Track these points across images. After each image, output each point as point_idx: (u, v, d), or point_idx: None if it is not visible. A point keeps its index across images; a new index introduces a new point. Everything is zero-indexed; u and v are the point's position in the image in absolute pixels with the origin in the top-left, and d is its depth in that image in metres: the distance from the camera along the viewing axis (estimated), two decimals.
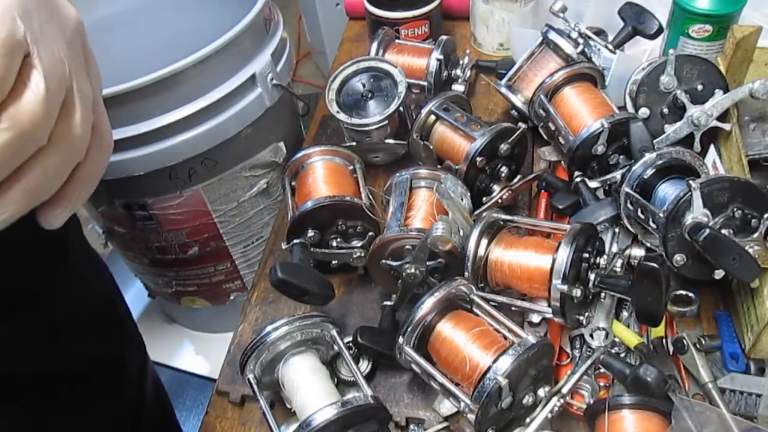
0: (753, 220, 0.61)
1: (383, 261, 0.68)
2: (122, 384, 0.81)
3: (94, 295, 0.76)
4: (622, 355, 0.65)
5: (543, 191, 0.81)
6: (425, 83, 0.91)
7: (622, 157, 0.76)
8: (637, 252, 0.71)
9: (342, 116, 0.83)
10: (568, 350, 0.67)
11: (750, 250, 0.59)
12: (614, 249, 0.72)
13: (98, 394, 0.76)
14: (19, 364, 0.64)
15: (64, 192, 0.37)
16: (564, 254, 0.60)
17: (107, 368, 0.77)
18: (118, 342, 0.81)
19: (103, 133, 0.39)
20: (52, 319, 0.66)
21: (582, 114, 0.78)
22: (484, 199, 0.77)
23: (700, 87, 0.77)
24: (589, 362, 0.60)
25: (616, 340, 0.66)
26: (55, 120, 0.34)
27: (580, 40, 0.84)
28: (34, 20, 0.33)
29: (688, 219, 0.60)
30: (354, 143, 0.86)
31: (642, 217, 0.67)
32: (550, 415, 0.57)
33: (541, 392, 0.57)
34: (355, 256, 0.73)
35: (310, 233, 0.73)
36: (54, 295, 0.66)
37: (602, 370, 0.63)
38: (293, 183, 0.81)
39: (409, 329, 0.60)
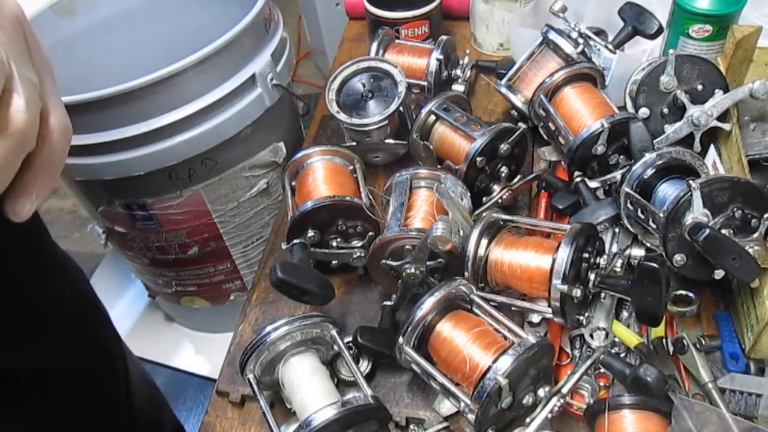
0: (753, 220, 0.61)
1: (383, 261, 0.68)
2: (112, 378, 0.81)
3: (74, 293, 0.76)
4: (622, 355, 0.65)
5: (543, 191, 0.81)
6: (425, 83, 0.91)
7: (622, 157, 0.76)
8: (637, 252, 0.71)
9: (342, 116, 0.83)
10: (568, 350, 0.67)
11: (750, 250, 0.59)
12: (614, 249, 0.72)
13: (90, 390, 0.75)
14: (7, 363, 0.64)
15: (24, 182, 0.37)
16: (564, 254, 0.60)
17: (95, 364, 0.77)
18: (102, 337, 0.81)
19: (59, 119, 0.39)
20: (37, 317, 0.66)
21: (582, 114, 0.78)
22: (484, 199, 0.77)
23: (700, 87, 0.77)
24: (589, 362, 0.60)
25: (616, 340, 0.66)
26: None
27: (580, 40, 0.84)
28: None
29: (688, 219, 0.60)
30: (354, 143, 0.86)
31: (642, 217, 0.67)
32: (550, 415, 0.57)
33: (541, 392, 0.57)
34: (355, 256, 0.73)
35: (310, 233, 0.73)
36: (36, 293, 0.66)
37: (602, 370, 0.63)
38: (293, 183, 0.81)
39: (409, 329, 0.60)
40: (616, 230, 0.73)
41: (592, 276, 0.63)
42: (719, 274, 0.62)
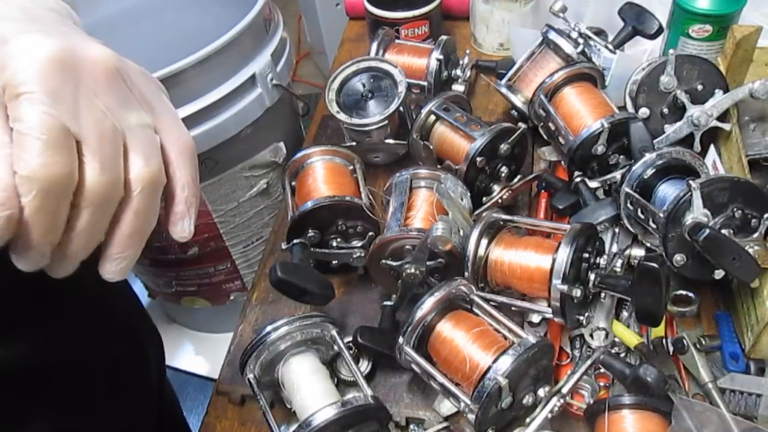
0: (753, 220, 0.61)
1: (383, 261, 0.68)
2: (145, 376, 0.81)
3: (113, 285, 0.76)
4: (622, 355, 0.65)
5: (543, 191, 0.81)
6: (425, 83, 0.91)
7: (622, 157, 0.76)
8: (637, 252, 0.71)
9: (342, 116, 0.83)
10: (568, 350, 0.67)
11: (750, 250, 0.59)
12: (614, 249, 0.72)
13: (123, 386, 0.76)
14: (49, 361, 0.64)
15: (178, 204, 0.41)
16: (564, 254, 0.60)
17: (130, 358, 0.78)
18: (139, 331, 0.82)
19: (175, 140, 0.41)
20: (81, 313, 0.66)
21: (582, 114, 0.78)
22: (484, 199, 0.77)
23: (700, 87, 0.77)
24: (589, 362, 0.60)
25: (616, 340, 0.66)
26: (122, 168, 0.36)
27: (580, 40, 0.84)
28: (66, 99, 0.34)
29: (688, 219, 0.60)
30: (354, 143, 0.86)
31: (642, 217, 0.67)
32: (550, 415, 0.57)
33: (541, 392, 0.57)
34: (355, 256, 0.73)
35: (310, 233, 0.72)
36: (78, 290, 0.66)
37: (602, 370, 0.63)
38: (293, 183, 0.81)
39: (409, 329, 0.60)
40: (616, 230, 0.73)
41: (592, 276, 0.63)
42: (719, 274, 0.62)
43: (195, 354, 1.59)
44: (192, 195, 0.41)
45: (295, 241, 0.72)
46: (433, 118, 0.81)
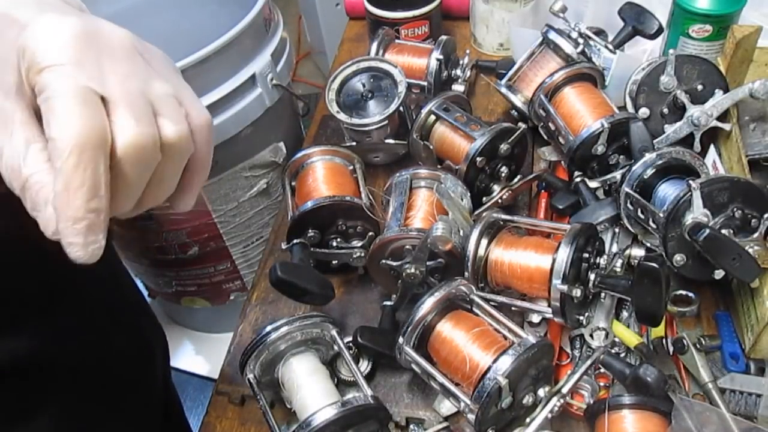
0: (753, 220, 0.61)
1: (383, 261, 0.68)
2: (151, 370, 0.81)
3: (120, 281, 0.77)
4: (622, 355, 0.65)
5: (543, 191, 0.81)
6: (425, 83, 0.91)
7: (622, 157, 0.76)
8: (637, 252, 0.71)
9: (342, 116, 0.83)
10: (568, 350, 0.67)
11: (750, 250, 0.59)
12: (614, 249, 0.72)
13: (129, 382, 0.76)
14: (57, 356, 0.64)
15: (184, 182, 0.41)
16: (564, 254, 0.60)
17: (136, 354, 0.78)
18: (145, 328, 0.82)
19: (198, 115, 0.41)
20: (89, 309, 0.67)
21: (582, 114, 0.78)
22: (484, 199, 0.77)
23: (700, 87, 0.77)
24: (589, 362, 0.60)
25: (616, 340, 0.66)
26: (157, 131, 0.36)
27: (580, 40, 0.84)
28: (89, 66, 0.34)
29: (688, 219, 0.60)
30: (354, 143, 0.86)
31: (642, 217, 0.67)
32: (550, 415, 0.57)
33: (541, 392, 0.57)
34: (355, 256, 0.73)
35: (310, 233, 0.73)
36: (86, 285, 0.66)
37: (602, 370, 0.63)
38: (293, 183, 0.81)
39: (409, 329, 0.60)
40: (616, 230, 0.73)
41: (592, 276, 0.63)
42: (719, 274, 0.62)
43: (195, 354, 1.59)
44: (205, 169, 0.42)
45: (295, 241, 0.72)
46: (433, 118, 0.81)
